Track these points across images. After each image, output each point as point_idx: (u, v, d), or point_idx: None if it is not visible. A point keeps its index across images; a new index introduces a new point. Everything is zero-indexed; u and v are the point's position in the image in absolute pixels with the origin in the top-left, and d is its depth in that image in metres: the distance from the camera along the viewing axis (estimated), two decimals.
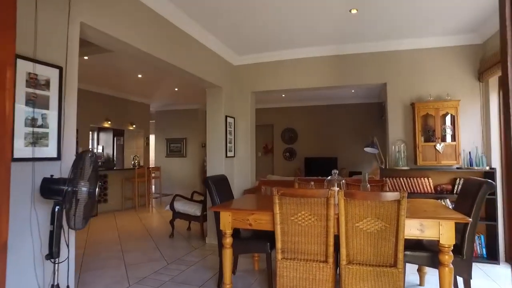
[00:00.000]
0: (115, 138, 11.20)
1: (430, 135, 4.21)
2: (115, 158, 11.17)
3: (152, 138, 11.42)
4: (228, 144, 4.85)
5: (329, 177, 3.06)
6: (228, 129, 4.87)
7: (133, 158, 8.89)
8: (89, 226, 5.93)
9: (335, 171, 3.03)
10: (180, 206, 5.05)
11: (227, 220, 2.81)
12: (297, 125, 10.11)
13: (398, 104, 4.49)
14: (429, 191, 4.20)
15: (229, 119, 4.91)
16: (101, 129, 11.41)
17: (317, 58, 4.81)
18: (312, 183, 3.15)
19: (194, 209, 4.93)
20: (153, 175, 8.56)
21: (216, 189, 3.21)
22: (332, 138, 9.72)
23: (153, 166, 9.29)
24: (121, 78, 6.69)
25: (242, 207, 2.90)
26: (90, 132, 11.44)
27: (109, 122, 7.88)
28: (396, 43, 4.42)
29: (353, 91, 8.44)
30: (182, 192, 10.70)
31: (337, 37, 4.35)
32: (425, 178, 4.22)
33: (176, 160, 10.55)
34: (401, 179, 4.32)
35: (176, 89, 7.87)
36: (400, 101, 4.47)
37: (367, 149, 9.42)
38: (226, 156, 4.80)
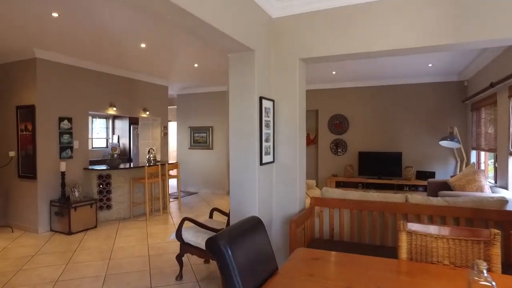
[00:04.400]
0: (131, 127, 9.75)
1: None
2: (131, 150, 9.75)
3: (173, 125, 9.86)
4: (264, 144, 3.02)
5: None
6: (264, 119, 3.02)
7: (148, 152, 7.33)
8: (75, 249, 4.40)
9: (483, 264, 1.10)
10: (190, 236, 3.33)
11: None
12: (349, 110, 8.05)
13: None
14: None
15: (265, 103, 3.07)
16: (116, 117, 10.00)
17: None
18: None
19: None
20: (170, 173, 6.95)
21: (237, 261, 1.40)
22: (394, 128, 7.58)
23: (172, 162, 7.68)
24: (120, 49, 5.01)
25: None
26: (105, 120, 10.08)
27: (114, 109, 6.30)
28: None
29: (430, 65, 6.25)
30: (207, 191, 9.05)
31: None
32: None
33: (201, 153, 8.91)
34: None
35: (196, 65, 6.10)
36: None
37: (444, 143, 7.15)
38: (262, 163, 2.98)
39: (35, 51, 4.98)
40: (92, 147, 9.40)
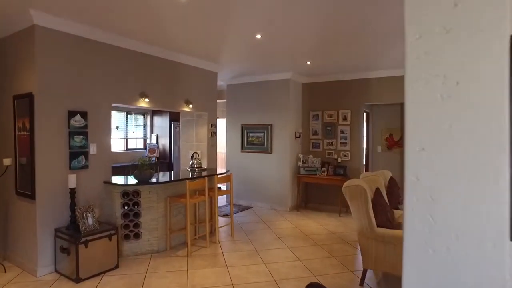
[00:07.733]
0: (172, 124, 8.17)
1: None
2: (172, 152, 8.18)
3: (222, 123, 8.12)
4: None
5: None
6: None
7: (192, 157, 5.65)
8: None
9: None
10: None
11: None
12: None
13: None
14: None
15: None
16: (155, 112, 8.48)
17: None
18: None
19: None
20: (218, 186, 5.20)
21: None
22: None
23: (221, 170, 5.93)
24: (152, 9, 3.30)
25: None
26: (142, 116, 8.59)
27: (147, 100, 4.64)
28: None
29: None
30: (264, 206, 6.92)
31: None
32: None
33: (257, 157, 7.09)
34: None
35: (258, 36, 4.26)
36: None
37: None
38: None
39: (32, 15, 3.41)
40: (127, 149, 7.94)
